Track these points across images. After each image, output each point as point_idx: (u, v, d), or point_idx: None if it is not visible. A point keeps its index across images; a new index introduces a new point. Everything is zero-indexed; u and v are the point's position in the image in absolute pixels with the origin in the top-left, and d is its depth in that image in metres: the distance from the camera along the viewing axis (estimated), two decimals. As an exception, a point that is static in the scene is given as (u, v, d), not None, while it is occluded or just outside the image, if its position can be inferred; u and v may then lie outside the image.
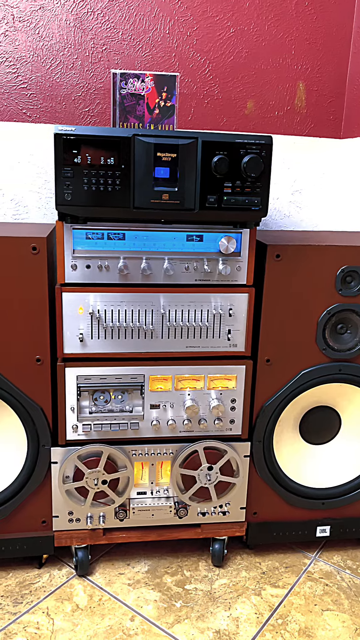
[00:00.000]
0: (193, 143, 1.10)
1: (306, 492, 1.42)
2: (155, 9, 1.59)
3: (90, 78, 1.61)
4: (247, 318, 1.28)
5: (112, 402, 1.31)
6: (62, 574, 1.39)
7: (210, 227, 1.23)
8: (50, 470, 1.31)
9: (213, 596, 1.34)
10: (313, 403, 1.41)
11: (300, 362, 1.34)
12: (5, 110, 1.59)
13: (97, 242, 1.20)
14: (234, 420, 1.35)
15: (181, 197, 1.13)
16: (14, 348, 1.23)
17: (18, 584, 1.35)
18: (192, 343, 1.29)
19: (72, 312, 1.23)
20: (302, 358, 1.33)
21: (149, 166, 1.10)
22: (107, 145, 1.08)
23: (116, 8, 1.58)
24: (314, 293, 1.29)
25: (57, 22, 1.56)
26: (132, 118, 1.19)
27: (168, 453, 1.35)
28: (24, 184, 1.64)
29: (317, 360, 1.34)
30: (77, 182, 1.10)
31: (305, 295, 1.29)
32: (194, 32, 1.63)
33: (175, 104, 1.19)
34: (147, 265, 1.22)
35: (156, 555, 1.46)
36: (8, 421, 1.28)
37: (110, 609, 1.28)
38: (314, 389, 1.37)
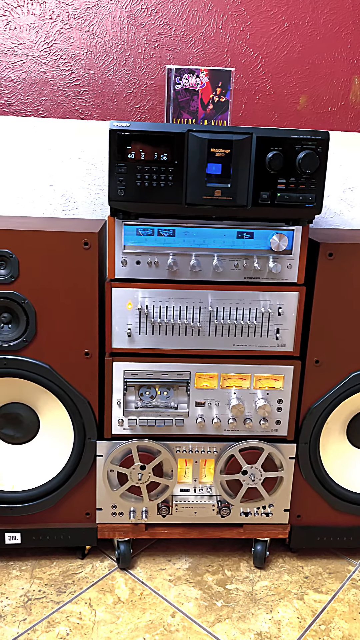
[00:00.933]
0: (247, 139, 1.09)
1: (352, 497, 1.39)
2: (208, 5, 1.58)
3: (142, 75, 1.61)
4: (297, 317, 1.26)
5: (157, 398, 1.31)
6: (104, 566, 1.40)
7: (261, 224, 1.21)
8: (95, 463, 1.33)
9: (254, 598, 1.32)
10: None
11: (350, 363, 1.30)
12: (58, 108, 1.61)
13: (147, 238, 1.21)
14: (280, 421, 1.33)
15: (234, 194, 1.12)
16: (63, 342, 1.25)
17: (61, 573, 1.37)
18: (240, 341, 1.28)
19: (121, 308, 1.24)
20: (353, 360, 1.30)
21: (202, 162, 1.10)
22: (161, 140, 1.08)
23: (170, 4, 1.57)
24: (367, 293, 1.26)
25: (111, 19, 1.57)
26: (185, 114, 1.19)
27: (212, 451, 1.34)
28: (74, 180, 1.66)
29: (368, 362, 1.30)
30: (131, 178, 1.10)
31: (358, 295, 1.26)
32: (247, 27, 1.61)
33: (229, 100, 1.17)
34: (197, 262, 1.22)
35: (197, 553, 1.46)
36: (56, 413, 1.31)
37: (151, 604, 1.29)
38: (363, 392, 1.33)
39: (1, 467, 1.33)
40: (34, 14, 1.55)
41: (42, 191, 1.65)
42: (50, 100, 1.61)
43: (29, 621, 1.22)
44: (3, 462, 1.33)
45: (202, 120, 1.20)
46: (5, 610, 1.25)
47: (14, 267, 1.19)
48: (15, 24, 1.55)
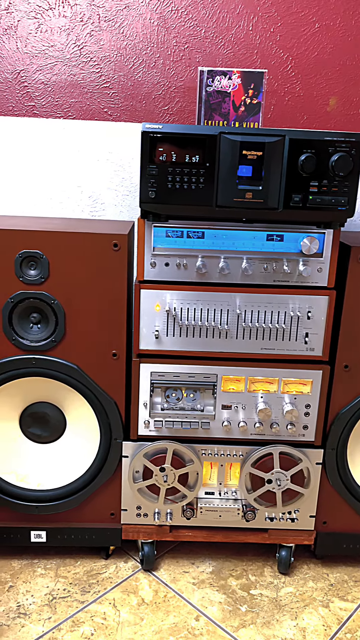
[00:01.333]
0: (280, 141, 1.08)
1: (380, 505, 1.37)
2: (239, 6, 1.58)
3: (172, 76, 1.62)
4: (327, 322, 1.24)
5: (183, 400, 1.31)
6: (128, 566, 1.40)
7: (292, 227, 1.20)
8: (120, 464, 1.33)
9: (279, 604, 1.31)
10: (391, 413, 1.35)
11: (380, 369, 1.28)
12: (87, 109, 1.62)
13: (176, 241, 1.21)
14: (307, 426, 1.31)
15: (265, 196, 1.11)
16: (91, 342, 1.25)
17: (86, 572, 1.38)
18: (267, 345, 1.27)
19: (149, 309, 1.24)
20: (383, 365, 1.28)
21: (234, 164, 1.09)
22: (192, 142, 1.08)
23: (200, 6, 1.57)
24: None
25: (141, 21, 1.58)
26: (217, 116, 1.18)
27: (238, 455, 1.33)
28: (102, 182, 1.67)
29: None
30: (162, 179, 1.10)
31: (389, 300, 1.24)
32: (278, 28, 1.60)
33: (261, 101, 1.17)
34: (225, 264, 1.21)
35: (221, 557, 1.45)
36: (83, 413, 1.31)
37: (175, 607, 1.28)
38: (393, 398, 1.31)
39: (28, 465, 1.34)
40: (65, 16, 1.56)
41: (71, 192, 1.67)
42: (79, 102, 1.62)
43: (53, 620, 1.23)
44: (30, 460, 1.35)
45: (233, 122, 1.19)
46: (31, 608, 1.26)
47: (44, 267, 1.20)
48: (46, 26, 1.57)
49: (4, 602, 1.27)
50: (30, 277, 1.20)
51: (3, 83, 1.59)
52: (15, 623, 1.22)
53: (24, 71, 1.59)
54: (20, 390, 1.29)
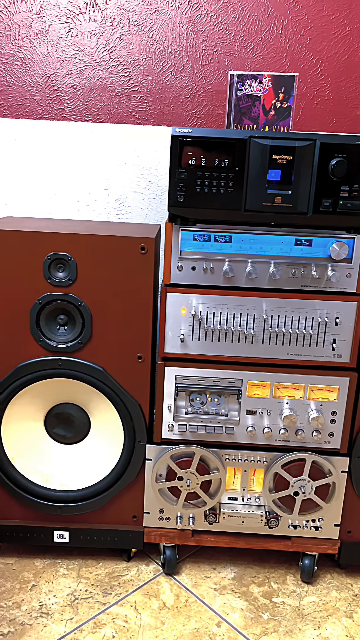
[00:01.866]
0: (310, 145, 1.07)
1: None
2: (269, 9, 1.57)
3: (200, 80, 1.62)
4: (355, 328, 1.23)
5: (208, 405, 1.30)
6: (150, 570, 1.40)
7: (320, 232, 1.18)
8: (144, 467, 1.33)
9: (302, 613, 1.29)
10: None
11: None
12: (115, 113, 1.63)
13: (203, 244, 1.20)
14: (333, 433, 1.30)
15: (294, 201, 1.10)
16: (117, 345, 1.26)
17: (107, 574, 1.38)
18: (294, 351, 1.25)
19: (175, 313, 1.24)
20: None
21: (263, 168, 1.09)
22: (222, 147, 1.08)
23: (230, 9, 1.57)
24: None
25: (170, 25, 1.58)
26: (246, 120, 1.18)
27: (262, 461, 1.32)
28: (129, 185, 1.67)
29: None
30: (190, 183, 1.10)
31: None
32: (308, 31, 1.59)
33: (292, 105, 1.16)
34: (253, 268, 1.20)
35: (243, 563, 1.44)
36: (107, 415, 1.32)
37: (196, 612, 1.28)
38: None
39: (52, 466, 1.35)
40: (95, 20, 1.58)
41: (97, 195, 1.68)
42: (108, 105, 1.63)
43: (75, 621, 1.24)
44: (54, 461, 1.36)
45: (263, 126, 1.19)
46: (53, 608, 1.27)
47: (72, 270, 1.21)
48: (77, 30, 1.58)
49: (26, 601, 1.28)
50: (58, 279, 1.21)
51: (34, 87, 1.61)
52: (38, 622, 1.23)
53: (54, 75, 1.61)
54: (46, 391, 1.31)
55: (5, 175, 1.66)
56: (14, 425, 1.32)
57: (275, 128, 1.19)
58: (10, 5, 1.55)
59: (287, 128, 1.19)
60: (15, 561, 1.40)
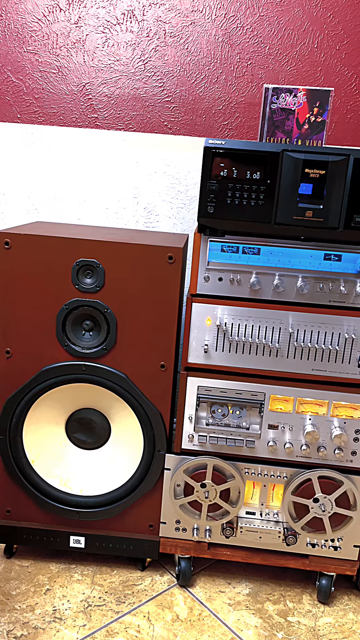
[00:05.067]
0: (344, 160, 1.06)
1: None
2: (305, 23, 1.57)
3: (233, 92, 1.62)
4: (382, 346, 1.21)
5: (229, 417, 1.29)
6: (164, 580, 1.39)
7: (350, 247, 1.17)
8: (162, 476, 1.32)
9: (317, 633, 1.27)
10: None
11: None
12: (147, 122, 1.65)
13: (231, 256, 1.20)
14: (356, 452, 1.27)
15: (325, 215, 1.09)
16: (141, 353, 1.26)
17: (121, 583, 1.37)
18: (319, 366, 1.24)
19: (200, 323, 1.24)
20: None
21: (295, 182, 1.08)
22: (255, 159, 1.08)
23: (266, 23, 1.58)
24: None
25: (206, 37, 1.59)
26: (279, 133, 1.18)
27: (282, 476, 1.30)
28: (158, 194, 1.68)
29: None
30: (221, 195, 1.10)
31: None
32: (344, 46, 1.58)
33: (326, 120, 1.15)
34: (280, 281, 1.20)
35: (258, 579, 1.42)
36: (128, 422, 1.32)
37: (209, 626, 1.26)
38: None
39: (71, 470, 1.36)
40: (132, 31, 1.60)
41: (126, 203, 1.69)
42: (140, 115, 1.65)
43: (88, 627, 1.23)
44: (74, 466, 1.36)
45: (296, 140, 1.18)
46: (66, 613, 1.27)
47: (100, 276, 1.21)
48: (113, 41, 1.61)
49: (40, 605, 1.28)
50: (85, 285, 1.22)
51: (69, 95, 1.64)
52: (51, 627, 1.23)
53: (90, 84, 1.63)
54: (68, 396, 1.31)
55: (38, 181, 1.68)
56: (36, 428, 1.33)
57: (309, 142, 1.18)
58: (49, 14, 1.59)
59: (320, 142, 1.18)
60: (30, 564, 1.41)
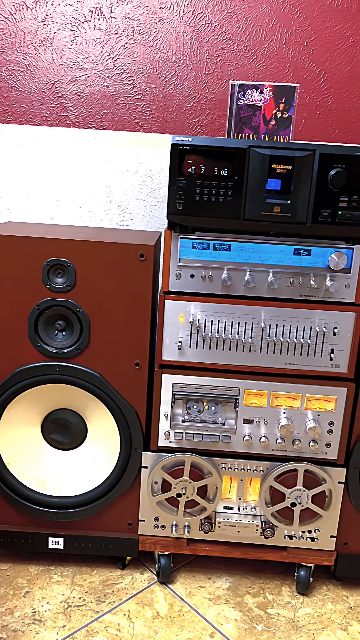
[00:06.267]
0: (310, 155, 1.07)
1: None
2: (272, 20, 1.58)
3: (203, 89, 1.63)
4: (353, 338, 1.22)
5: (205, 413, 1.30)
6: (144, 578, 1.39)
7: (320, 242, 1.18)
8: (140, 474, 1.32)
9: (296, 625, 1.28)
10: None
11: None
12: (118, 120, 1.64)
13: (202, 252, 1.21)
14: (330, 443, 1.29)
15: (293, 210, 1.10)
16: (115, 351, 1.26)
17: (101, 582, 1.37)
18: (292, 360, 1.25)
19: (173, 320, 1.24)
20: None
21: (262, 178, 1.09)
22: (222, 155, 1.08)
23: (233, 19, 1.58)
24: None
25: (175, 34, 1.59)
26: (247, 129, 1.18)
27: (258, 470, 1.31)
28: (131, 192, 1.68)
29: None
30: (190, 192, 1.10)
31: None
32: (311, 42, 1.60)
33: (292, 116, 1.16)
34: (251, 277, 1.20)
35: (238, 573, 1.43)
36: (104, 422, 1.32)
37: (190, 622, 1.27)
38: None
39: (48, 471, 1.35)
40: (100, 29, 1.59)
41: (100, 201, 1.69)
42: (111, 113, 1.64)
43: (68, 628, 1.23)
44: (50, 467, 1.35)
45: (263, 136, 1.19)
46: (46, 615, 1.26)
47: (71, 276, 1.21)
48: (81, 38, 1.60)
49: (19, 608, 1.27)
50: (57, 285, 1.22)
51: (38, 94, 1.62)
52: (30, 629, 1.22)
53: (59, 82, 1.62)
54: (43, 397, 1.31)
55: (9, 181, 1.67)
56: (11, 430, 1.32)
57: (276, 138, 1.19)
58: (16, 12, 1.57)
59: (287, 138, 1.19)
60: (9, 567, 1.40)
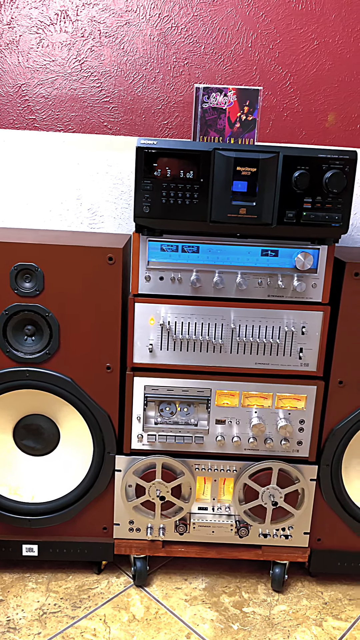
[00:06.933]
0: (274, 157, 1.09)
1: (375, 523, 1.35)
2: (238, 23, 1.59)
3: (171, 91, 1.63)
4: (321, 337, 1.24)
5: (177, 414, 1.30)
6: (120, 582, 1.39)
7: (286, 242, 1.20)
8: (113, 478, 1.32)
9: (272, 622, 1.29)
10: (387, 429, 1.34)
11: (375, 385, 1.28)
12: (87, 123, 1.64)
13: (171, 255, 1.21)
14: (301, 441, 1.30)
15: (259, 212, 1.11)
16: (86, 355, 1.25)
17: (77, 587, 1.36)
18: (262, 360, 1.26)
19: (143, 323, 1.24)
20: (378, 382, 1.28)
21: (228, 180, 1.10)
22: (187, 158, 1.09)
23: (200, 23, 1.59)
24: (393, 314, 1.23)
25: (141, 37, 1.59)
26: (212, 132, 1.19)
27: (231, 470, 1.32)
28: (101, 194, 1.68)
29: (394, 384, 1.27)
30: (156, 194, 1.11)
31: (384, 316, 1.24)
32: (277, 45, 1.61)
33: (257, 118, 1.17)
34: (220, 279, 1.21)
35: (214, 573, 1.44)
36: (76, 426, 1.31)
37: (166, 624, 1.27)
38: (388, 415, 1.30)
39: (21, 478, 1.34)
40: (66, 31, 1.58)
41: (70, 205, 1.68)
42: (79, 116, 1.64)
43: (43, 635, 1.22)
44: (23, 473, 1.34)
45: (229, 139, 1.20)
46: (21, 623, 1.25)
47: (39, 280, 1.20)
48: (47, 41, 1.59)
49: (-7, 616, 1.26)
50: (25, 289, 1.21)
51: (4, 97, 1.61)
52: (5, 638, 1.21)
53: (25, 85, 1.61)
54: (13, 403, 1.29)
55: (-24, 185, 1.65)
56: (-18, 437, 1.30)
57: (241, 140, 1.20)
58: (-20, 15, 1.55)
59: (252, 140, 1.20)
60: (-17, 575, 1.38)
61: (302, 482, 1.31)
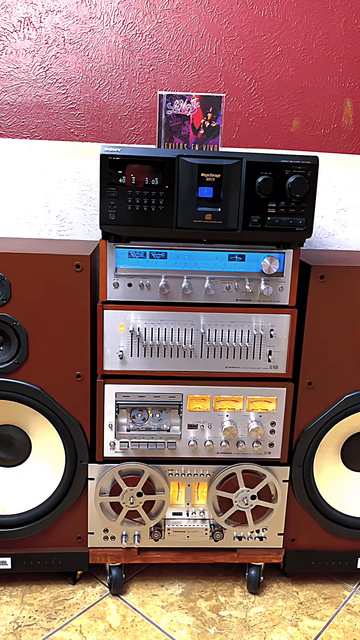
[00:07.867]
0: (237, 164, 1.10)
1: (348, 521, 1.37)
2: (202, 30, 1.61)
3: (137, 98, 1.63)
4: (289, 339, 1.26)
5: (149, 421, 1.30)
6: (96, 591, 1.38)
7: (253, 247, 1.21)
8: (86, 486, 1.31)
9: (248, 624, 1.30)
10: (356, 428, 1.37)
11: (343, 385, 1.30)
12: (53, 130, 1.63)
13: (139, 261, 1.21)
14: (273, 443, 1.32)
15: (224, 217, 1.12)
16: (55, 364, 1.24)
17: (52, 599, 1.35)
18: (232, 363, 1.27)
19: (112, 330, 1.24)
20: (346, 382, 1.30)
21: (193, 186, 1.10)
22: (152, 165, 1.09)
23: (164, 29, 1.60)
24: (359, 315, 1.25)
25: (106, 43, 1.59)
26: (177, 138, 1.20)
27: (205, 474, 1.33)
28: (70, 201, 1.67)
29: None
30: (122, 201, 1.11)
31: (350, 317, 1.26)
32: (240, 52, 1.63)
33: (220, 124, 1.18)
34: (188, 284, 1.22)
35: (190, 578, 1.44)
36: (48, 436, 1.30)
37: (143, 631, 1.26)
38: (357, 414, 1.32)
39: (-8, 490, 1.32)
40: (30, 38, 1.58)
41: (38, 212, 1.66)
42: (45, 122, 1.63)
43: (18, 649, 1.20)
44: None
45: (193, 145, 1.21)
46: (-6, 637, 1.23)
47: (5, 289, 1.19)
48: (11, 48, 1.58)
49: (-34, 632, 1.24)
50: (-9, 299, 1.19)
51: (-32, 104, 1.59)
52: (-22, 654, 1.19)
53: (-11, 92, 1.59)
54: (-17, 414, 1.28)
55: None
56: None
57: (205, 147, 1.21)
58: None
59: (216, 146, 1.21)
60: None
61: (269, 476, 1.31)
